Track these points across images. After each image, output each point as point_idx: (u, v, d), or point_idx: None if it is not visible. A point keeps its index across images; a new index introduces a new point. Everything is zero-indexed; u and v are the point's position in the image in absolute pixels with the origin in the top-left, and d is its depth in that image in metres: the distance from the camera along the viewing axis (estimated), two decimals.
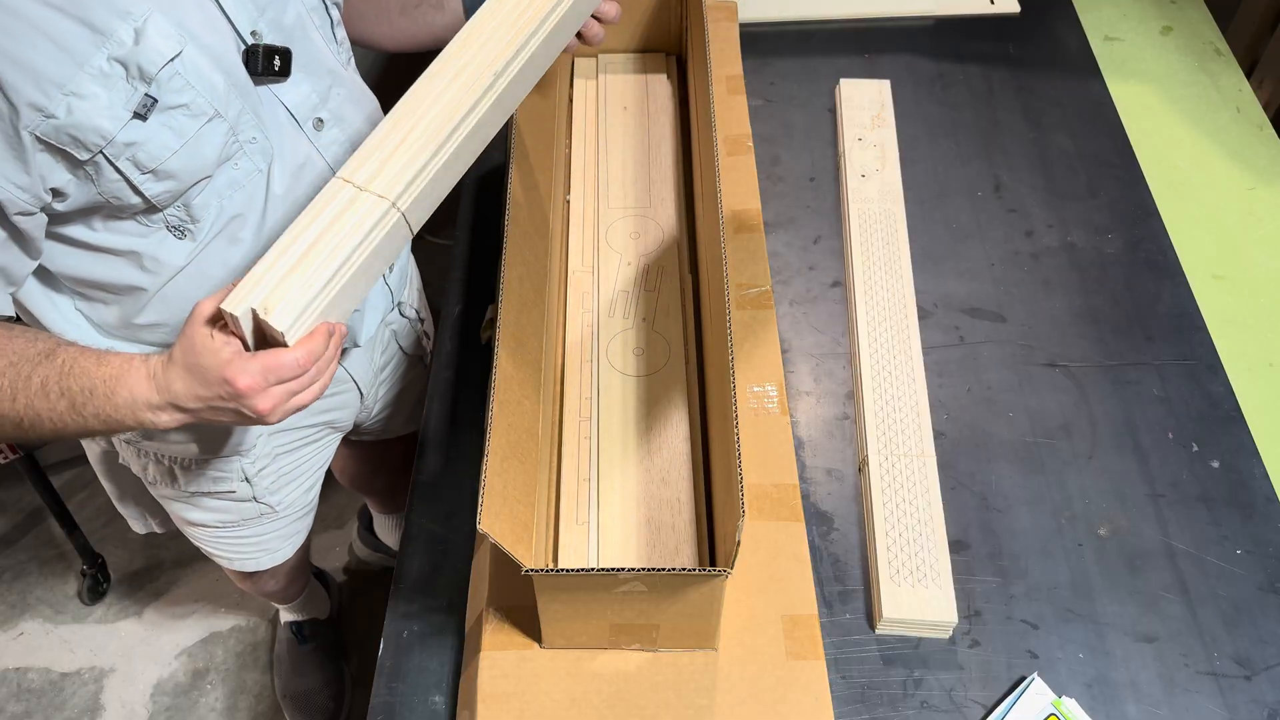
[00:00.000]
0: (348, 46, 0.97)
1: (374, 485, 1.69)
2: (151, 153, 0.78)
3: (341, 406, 1.18)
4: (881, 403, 1.03)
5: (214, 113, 0.80)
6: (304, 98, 0.89)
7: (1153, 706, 0.87)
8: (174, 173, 0.80)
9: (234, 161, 0.84)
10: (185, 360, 0.74)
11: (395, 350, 1.25)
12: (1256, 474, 1.01)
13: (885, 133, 1.31)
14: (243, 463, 1.11)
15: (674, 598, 0.77)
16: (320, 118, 0.91)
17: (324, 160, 0.92)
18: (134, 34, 0.74)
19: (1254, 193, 1.27)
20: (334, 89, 0.92)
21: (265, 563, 1.29)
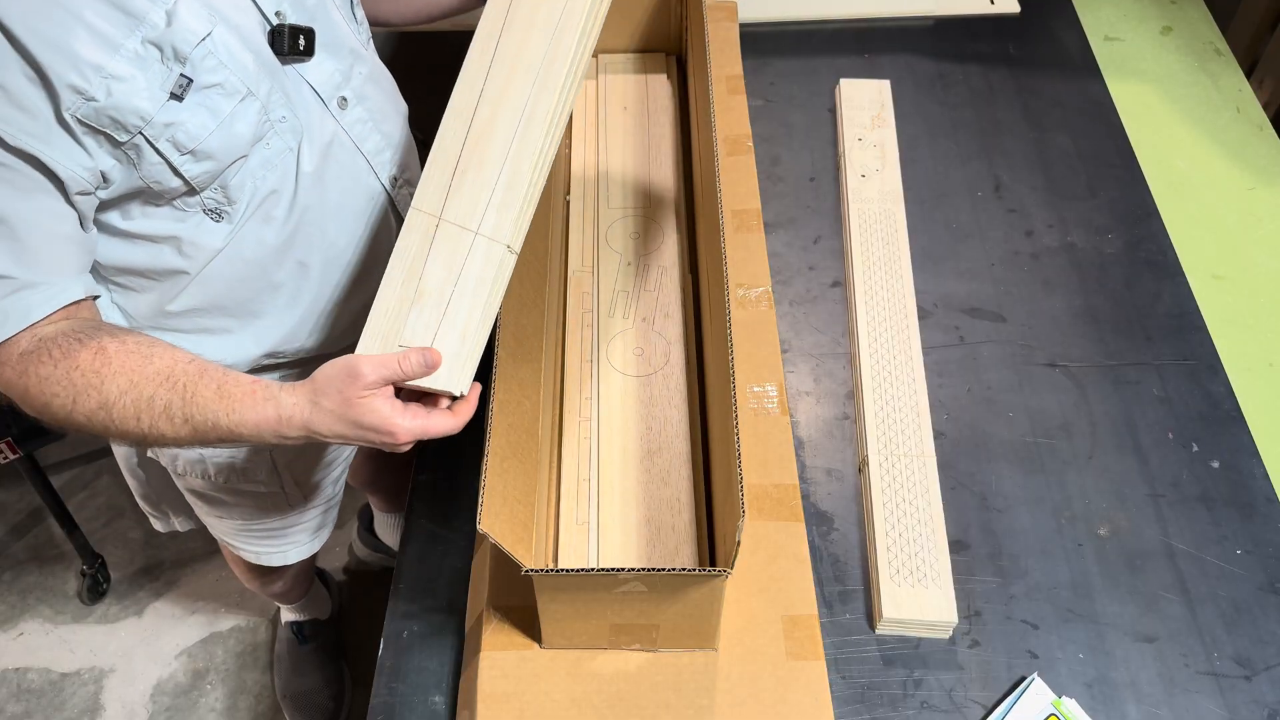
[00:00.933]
0: (367, 26, 0.98)
1: (381, 483, 1.69)
2: (190, 132, 0.79)
3: None
4: (881, 403, 1.03)
5: (246, 91, 0.81)
6: (328, 76, 0.90)
7: (1153, 707, 0.87)
8: (212, 152, 0.81)
9: (265, 141, 0.85)
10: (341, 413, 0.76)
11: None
12: (1256, 474, 1.01)
13: (885, 133, 1.31)
14: (273, 454, 1.11)
15: (674, 598, 0.77)
16: (344, 96, 0.92)
17: (349, 138, 0.93)
18: (166, 16, 0.76)
19: (1254, 193, 1.27)
20: (356, 68, 0.93)
21: (292, 556, 1.28)
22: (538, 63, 0.81)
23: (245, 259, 0.90)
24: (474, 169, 0.80)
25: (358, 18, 0.95)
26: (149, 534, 1.92)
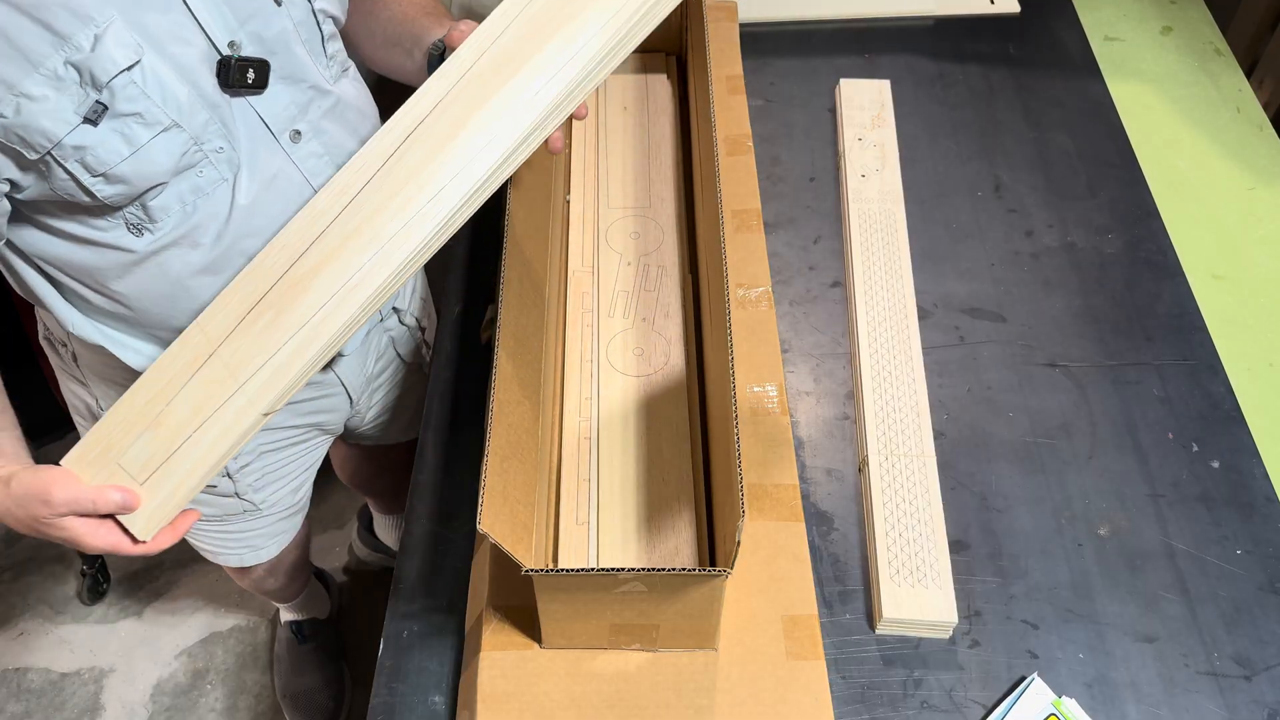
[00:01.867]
0: (342, 60, 0.96)
1: (376, 486, 1.69)
2: (100, 157, 0.77)
3: (330, 410, 1.17)
4: (881, 403, 1.03)
5: (170, 123, 0.79)
6: (282, 109, 0.89)
7: (1153, 707, 0.87)
8: (125, 177, 0.80)
9: (197, 169, 0.84)
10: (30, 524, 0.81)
11: (393, 357, 1.24)
12: (1256, 474, 1.01)
13: (885, 133, 1.31)
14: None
15: (674, 598, 0.77)
16: (298, 129, 0.90)
17: (300, 172, 0.91)
18: (93, 39, 0.74)
19: (1254, 193, 1.27)
20: (315, 102, 0.91)
21: (249, 559, 1.28)
22: (384, 237, 0.80)
23: (167, 276, 0.89)
24: (273, 314, 0.80)
25: (329, 52, 0.92)
26: None
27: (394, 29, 1.00)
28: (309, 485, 1.28)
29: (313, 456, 1.24)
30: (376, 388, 1.25)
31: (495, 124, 0.81)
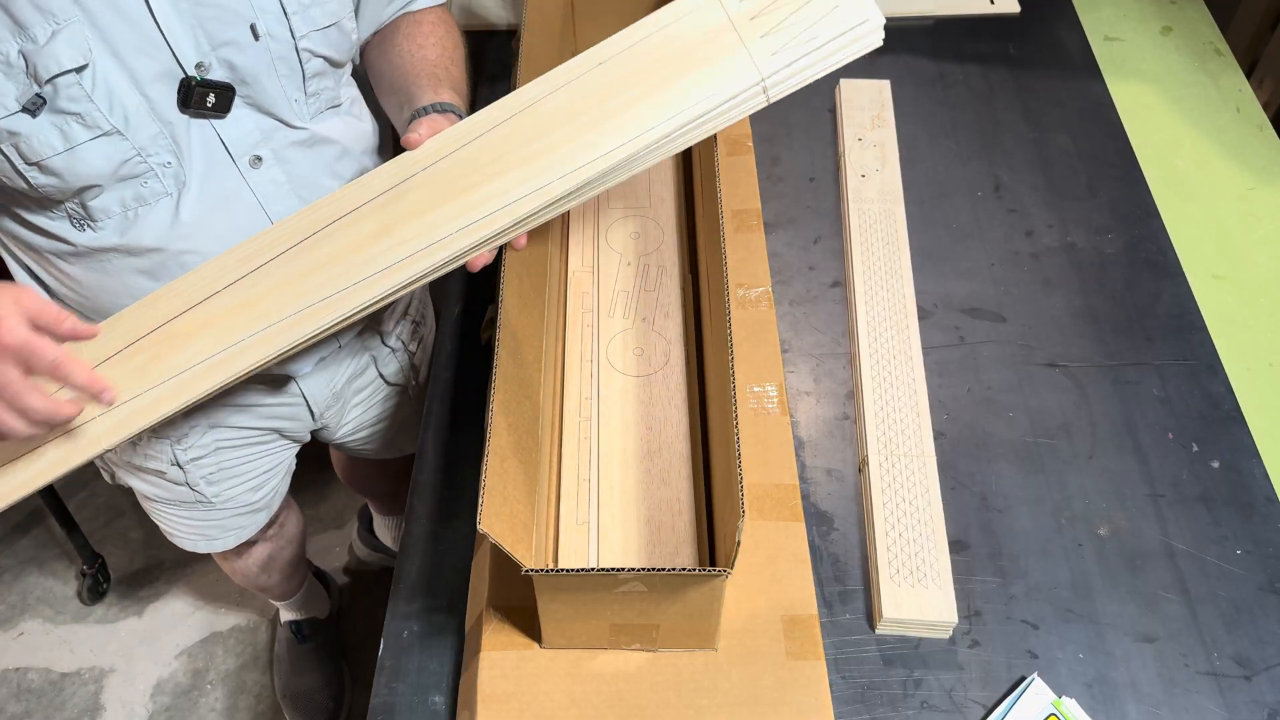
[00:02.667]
0: (330, 98, 0.96)
1: (376, 489, 1.69)
2: (34, 147, 0.79)
3: (290, 418, 1.17)
4: (881, 403, 1.03)
5: (112, 129, 0.80)
6: (244, 134, 0.89)
7: (1153, 707, 0.87)
8: (58, 171, 0.81)
9: (141, 180, 0.85)
10: None
11: (373, 376, 1.24)
12: (1256, 474, 1.01)
13: (885, 133, 1.31)
14: (174, 448, 1.10)
15: (674, 598, 0.77)
16: (259, 155, 0.90)
17: (255, 198, 0.91)
18: (49, 34, 0.75)
19: (1254, 193, 1.27)
20: (280, 132, 0.91)
21: (203, 547, 1.28)
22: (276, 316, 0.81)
23: (108, 271, 0.90)
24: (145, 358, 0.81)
25: (311, 90, 0.92)
26: (149, 534, 1.92)
27: (397, 79, 1.00)
28: (273, 486, 1.27)
29: (275, 460, 1.23)
30: (354, 405, 1.24)
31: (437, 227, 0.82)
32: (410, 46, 1.00)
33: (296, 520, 1.50)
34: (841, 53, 0.82)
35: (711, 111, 0.81)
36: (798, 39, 0.81)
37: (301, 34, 0.88)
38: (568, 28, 1.30)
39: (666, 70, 0.82)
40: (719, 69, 0.81)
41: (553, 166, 0.81)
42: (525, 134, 0.83)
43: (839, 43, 0.81)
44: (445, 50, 1.02)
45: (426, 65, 0.99)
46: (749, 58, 0.81)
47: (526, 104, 0.84)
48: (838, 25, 0.81)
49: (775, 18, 0.81)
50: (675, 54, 0.82)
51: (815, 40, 0.81)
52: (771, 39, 0.81)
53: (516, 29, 1.46)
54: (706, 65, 0.81)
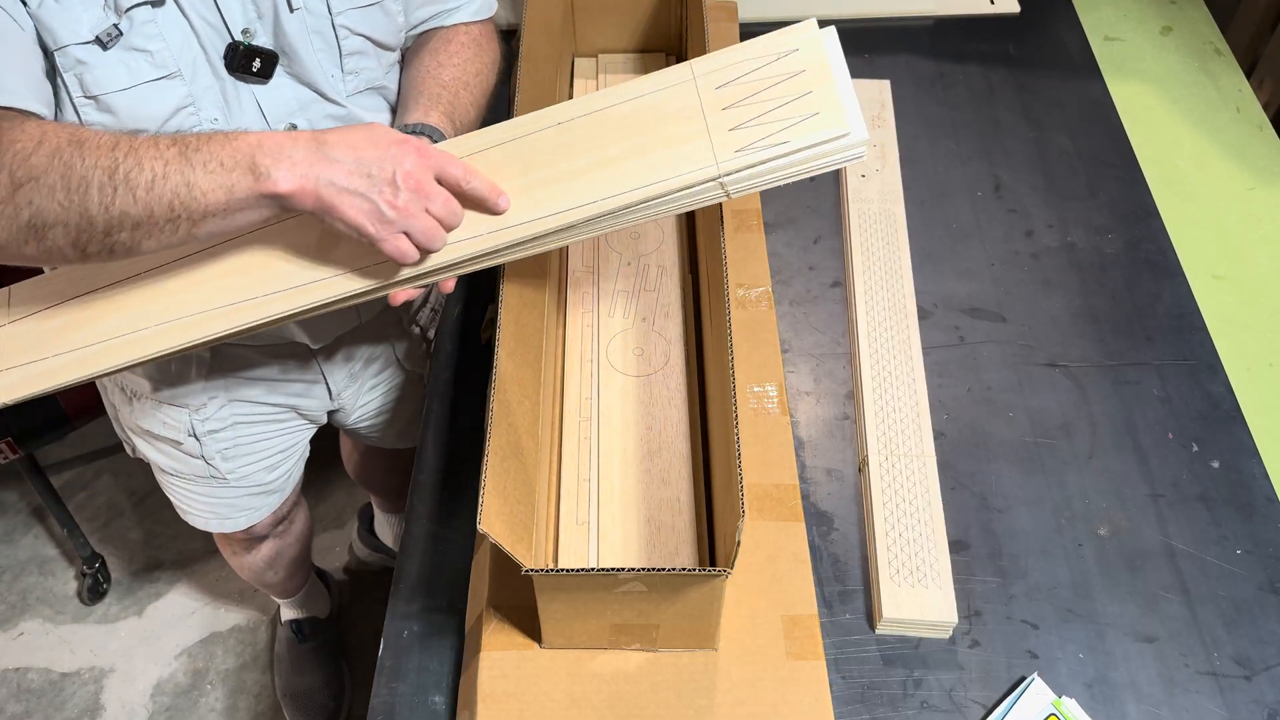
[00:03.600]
0: (368, 79, 0.96)
1: (382, 483, 1.69)
2: (99, 79, 0.78)
3: (308, 395, 1.18)
4: (881, 403, 1.03)
5: (176, 71, 0.81)
6: (283, 102, 0.89)
7: (1153, 707, 0.87)
8: (114, 109, 0.80)
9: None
10: (357, 130, 0.74)
11: (391, 361, 1.24)
12: (1256, 474, 1.01)
13: (885, 133, 1.31)
14: (192, 419, 1.11)
15: (674, 598, 0.77)
16: (295, 124, 0.91)
17: None
18: None
19: (1254, 193, 1.27)
20: (318, 104, 0.92)
21: (214, 526, 1.28)
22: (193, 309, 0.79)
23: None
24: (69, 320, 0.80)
25: (348, 68, 0.93)
26: (149, 534, 1.93)
27: (405, 91, 0.99)
28: (288, 468, 1.27)
29: (291, 440, 1.24)
30: (371, 389, 1.25)
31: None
32: (431, 63, 0.99)
33: (304, 518, 1.51)
34: (814, 163, 0.76)
35: (662, 198, 0.77)
36: (766, 140, 0.75)
37: (339, 10, 0.89)
38: (567, 27, 1.30)
39: (624, 144, 0.78)
40: (678, 155, 0.76)
41: (491, 218, 0.78)
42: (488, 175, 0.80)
43: (811, 153, 0.76)
44: (463, 74, 0.99)
45: (434, 84, 0.97)
46: (710, 150, 0.76)
47: (476, 149, 0.81)
48: (813, 135, 0.75)
49: (748, 112, 0.76)
50: (639, 128, 0.78)
51: (785, 146, 0.75)
52: (740, 134, 0.76)
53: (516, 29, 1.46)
54: (666, 148, 0.77)
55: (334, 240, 0.80)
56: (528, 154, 0.79)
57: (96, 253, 0.72)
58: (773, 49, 0.79)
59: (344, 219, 0.72)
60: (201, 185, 0.70)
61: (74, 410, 1.59)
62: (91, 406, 1.61)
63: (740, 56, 0.79)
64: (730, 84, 0.78)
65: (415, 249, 0.75)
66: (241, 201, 0.71)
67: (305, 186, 0.71)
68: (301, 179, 0.71)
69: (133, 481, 1.99)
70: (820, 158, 0.76)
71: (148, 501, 1.96)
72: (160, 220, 0.71)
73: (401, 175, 0.73)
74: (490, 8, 1.06)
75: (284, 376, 1.13)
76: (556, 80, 1.24)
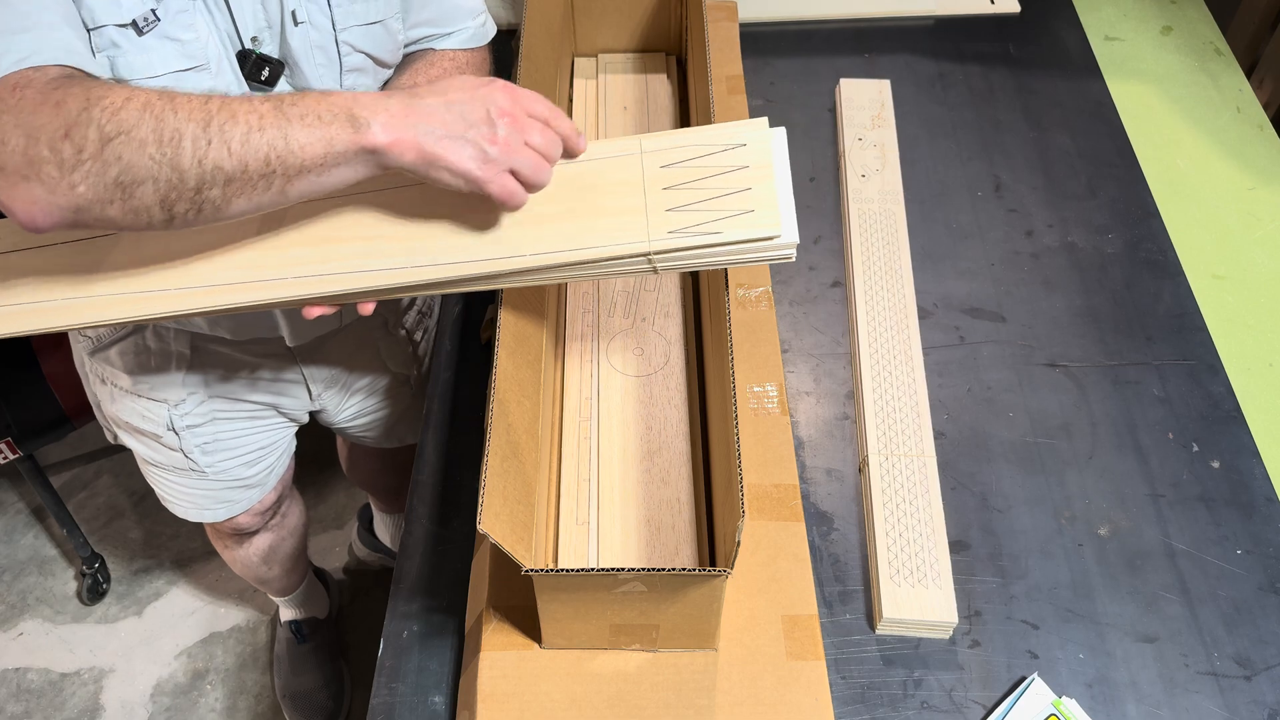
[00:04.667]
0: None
1: (379, 483, 1.69)
2: (131, 64, 0.78)
3: (287, 394, 1.18)
4: (881, 403, 1.03)
5: (205, 63, 0.82)
6: None
7: (1153, 707, 0.87)
8: None
9: None
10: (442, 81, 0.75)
11: (378, 364, 1.24)
12: (1256, 474, 1.01)
13: (885, 133, 1.31)
14: (171, 413, 1.11)
15: (674, 598, 0.77)
16: None
17: None
18: None
19: (1254, 193, 1.27)
20: None
21: (194, 516, 1.28)
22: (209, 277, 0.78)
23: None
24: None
25: (346, 83, 0.93)
26: (149, 534, 1.93)
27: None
28: (270, 465, 1.28)
29: (271, 437, 1.24)
30: (354, 390, 1.25)
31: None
32: (407, 82, 0.98)
33: (299, 512, 1.51)
34: (741, 257, 0.78)
35: (589, 263, 0.77)
36: (700, 227, 0.76)
37: (343, 26, 0.89)
38: (567, 27, 1.30)
39: (565, 205, 0.79)
40: (613, 225, 0.77)
41: (422, 250, 0.77)
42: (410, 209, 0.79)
43: (742, 248, 0.77)
44: None
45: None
46: (645, 226, 0.77)
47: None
48: (745, 230, 0.76)
49: (687, 196, 0.77)
50: (580, 191, 0.79)
51: (716, 236, 0.76)
52: (675, 216, 0.77)
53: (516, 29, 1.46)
54: (603, 217, 0.78)
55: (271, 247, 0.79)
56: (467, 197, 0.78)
57: (184, 212, 0.71)
58: (722, 139, 0.80)
59: (449, 166, 0.71)
60: (300, 138, 0.69)
61: (74, 410, 1.59)
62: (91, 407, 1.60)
63: (690, 140, 0.80)
64: (675, 165, 0.79)
65: (522, 188, 0.74)
66: (339, 156, 0.70)
67: (404, 138, 0.70)
68: (400, 130, 0.70)
69: (133, 481, 1.99)
70: (748, 253, 0.78)
71: (148, 501, 1.96)
72: (254, 175, 0.69)
73: (496, 111, 0.72)
74: (486, 35, 1.05)
75: (263, 376, 1.14)
76: (556, 80, 1.24)
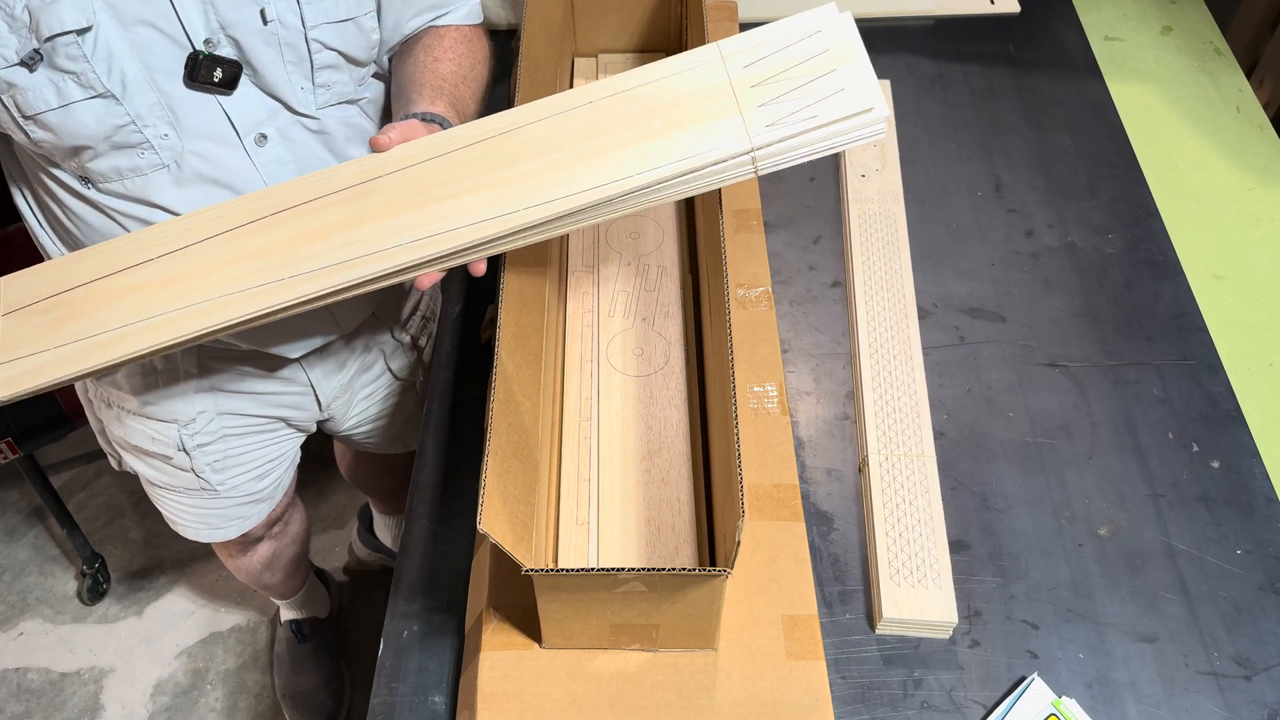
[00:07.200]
0: (340, 93, 0.96)
1: (377, 486, 1.69)
2: (29, 101, 0.80)
3: (296, 406, 1.18)
4: (881, 403, 1.03)
5: (106, 91, 0.82)
6: (250, 111, 0.89)
7: (1153, 707, 0.87)
8: (52, 127, 0.82)
9: (138, 150, 0.86)
10: None
11: (382, 370, 1.24)
12: (1256, 474, 1.01)
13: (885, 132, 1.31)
14: (181, 433, 1.11)
15: (674, 598, 0.77)
16: (264, 133, 0.91)
17: (259, 175, 0.91)
18: None
19: (1254, 193, 1.27)
20: (283, 113, 0.92)
21: (205, 536, 1.28)
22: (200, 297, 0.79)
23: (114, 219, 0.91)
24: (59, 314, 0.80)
25: (319, 81, 0.93)
26: (149, 534, 1.93)
27: (403, 86, 0.99)
28: (277, 476, 1.27)
29: (280, 449, 1.24)
30: (362, 398, 1.25)
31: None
32: (426, 58, 0.99)
33: (301, 519, 1.51)
34: (839, 139, 0.78)
35: (693, 173, 0.78)
36: (797, 115, 0.77)
37: (313, 24, 0.89)
38: (567, 27, 1.30)
39: (655, 121, 0.79)
40: (709, 130, 0.77)
41: (523, 195, 0.78)
42: (501, 157, 0.81)
43: (838, 128, 0.77)
44: (460, 68, 1.00)
45: (433, 77, 0.97)
46: (742, 125, 0.77)
47: (507, 128, 0.82)
48: (843, 108, 0.76)
49: (777, 89, 0.78)
50: (667, 106, 0.79)
51: (814, 120, 0.77)
52: (770, 109, 0.77)
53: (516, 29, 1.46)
54: (697, 124, 0.78)
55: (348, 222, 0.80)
56: (557, 133, 0.80)
57: None
58: (798, 30, 0.81)
59: None
60: None
61: (74, 410, 1.59)
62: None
63: (766, 37, 0.81)
64: (757, 63, 0.80)
65: None
66: None
67: None
68: None
69: (133, 482, 1.99)
70: (846, 133, 0.78)
71: (148, 501, 1.94)
72: None
73: None
74: (478, 14, 1.07)
75: (273, 390, 1.13)
76: (556, 80, 1.24)
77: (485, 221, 0.78)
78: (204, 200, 0.90)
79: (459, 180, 0.80)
